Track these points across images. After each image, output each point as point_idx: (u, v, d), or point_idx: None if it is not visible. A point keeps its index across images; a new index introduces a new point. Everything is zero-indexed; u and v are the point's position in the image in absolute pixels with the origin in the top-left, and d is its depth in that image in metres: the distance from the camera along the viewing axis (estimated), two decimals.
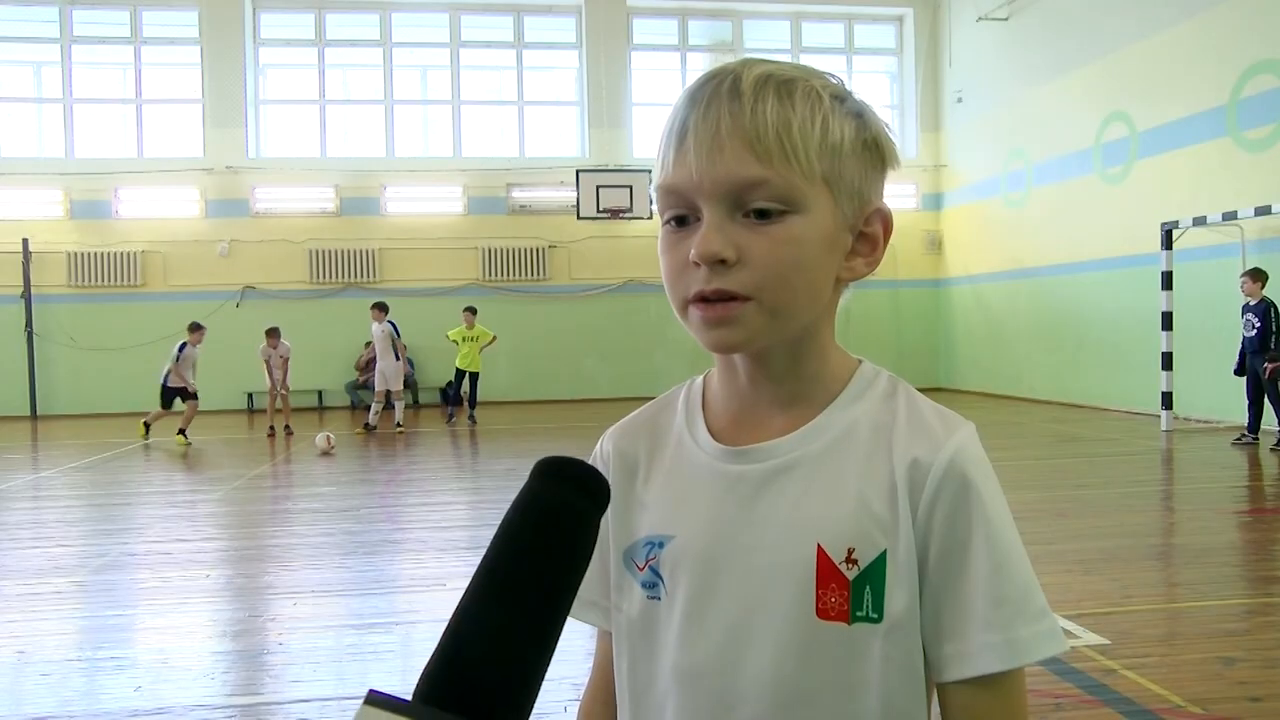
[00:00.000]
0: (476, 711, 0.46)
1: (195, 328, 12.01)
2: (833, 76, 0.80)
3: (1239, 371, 9.48)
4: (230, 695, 3.54)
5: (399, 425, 12.33)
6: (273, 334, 12.37)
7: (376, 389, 12.47)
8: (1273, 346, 9.04)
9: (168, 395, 11.82)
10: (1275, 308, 9.12)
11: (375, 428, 12.28)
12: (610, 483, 0.88)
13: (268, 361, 12.32)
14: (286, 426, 12.29)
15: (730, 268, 0.75)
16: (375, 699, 0.45)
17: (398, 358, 12.46)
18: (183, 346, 11.80)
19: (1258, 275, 9.30)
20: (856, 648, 0.77)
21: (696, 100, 0.77)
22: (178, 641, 4.20)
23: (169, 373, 11.73)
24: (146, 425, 11.84)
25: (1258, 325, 9.13)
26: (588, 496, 0.53)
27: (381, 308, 12.47)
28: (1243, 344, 9.35)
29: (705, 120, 0.75)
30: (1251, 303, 9.26)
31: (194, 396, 11.74)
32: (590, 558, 0.53)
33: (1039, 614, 0.76)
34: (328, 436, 10.57)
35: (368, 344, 15.59)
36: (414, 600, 4.82)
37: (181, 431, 11.30)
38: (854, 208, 0.80)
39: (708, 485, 0.83)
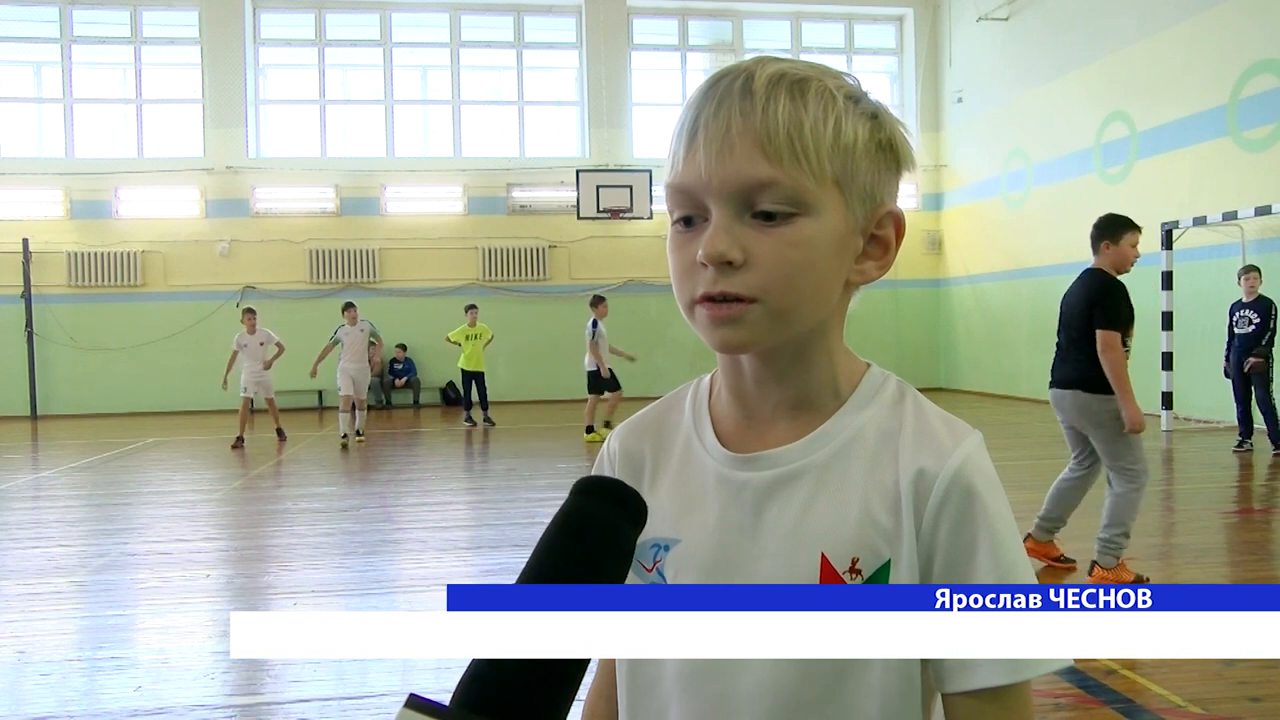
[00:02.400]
0: (513, 718, 0.47)
1: (597, 301, 11.07)
2: (849, 77, 0.79)
3: (1229, 373, 9.24)
4: (230, 695, 3.54)
5: (359, 434, 11.25)
6: (251, 314, 11.12)
7: (344, 393, 11.07)
8: (1263, 344, 8.86)
9: (593, 381, 10.90)
10: (1276, 306, 8.95)
11: (362, 433, 11.32)
12: None
13: (237, 351, 10.98)
14: (279, 430, 11.31)
15: (737, 269, 0.74)
16: (415, 703, 0.45)
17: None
18: (595, 323, 10.79)
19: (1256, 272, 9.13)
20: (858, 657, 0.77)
21: (708, 99, 0.76)
22: (178, 641, 4.20)
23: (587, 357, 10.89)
24: (591, 428, 10.71)
25: (1256, 321, 8.94)
26: (626, 514, 0.54)
27: (354, 307, 11.50)
28: (1236, 342, 9.10)
29: (716, 119, 0.75)
30: (1245, 300, 9.07)
31: (611, 383, 10.76)
32: (626, 573, 0.54)
33: None
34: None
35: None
36: (414, 600, 4.81)
37: (607, 424, 10.47)
38: (866, 210, 0.79)
39: (714, 491, 0.83)
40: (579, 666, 0.51)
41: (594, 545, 0.53)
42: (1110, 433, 4.66)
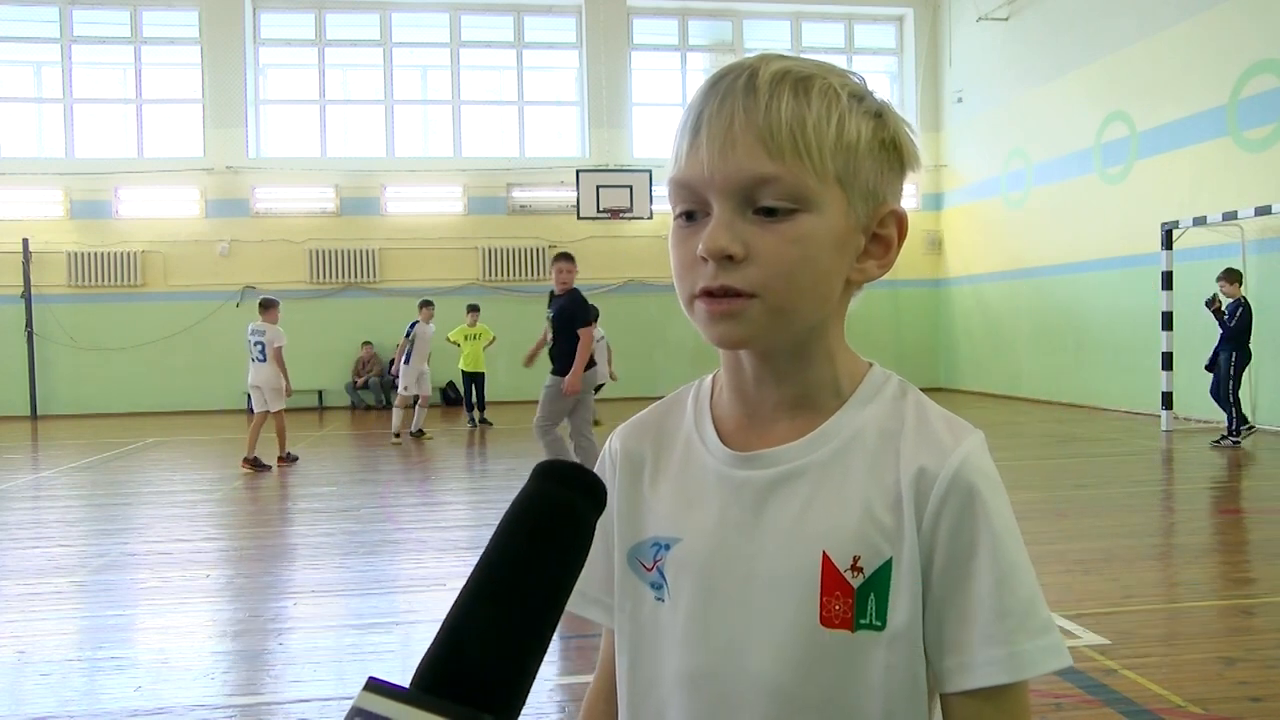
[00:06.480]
0: (472, 700, 0.47)
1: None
2: (855, 75, 0.79)
3: (1210, 367, 9.71)
4: (230, 695, 3.54)
5: (424, 432, 11.60)
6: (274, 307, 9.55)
7: (411, 392, 11.23)
8: (1233, 335, 9.36)
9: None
10: (1245, 306, 9.40)
11: (426, 431, 11.65)
12: (616, 481, 0.89)
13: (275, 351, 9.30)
14: (283, 453, 9.51)
15: (737, 264, 0.74)
16: (374, 686, 0.45)
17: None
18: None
19: (1234, 276, 9.53)
20: (859, 655, 0.76)
21: (712, 95, 0.76)
22: (178, 641, 4.20)
23: None
24: None
25: (1228, 323, 9.41)
26: (586, 497, 0.54)
27: (431, 305, 11.79)
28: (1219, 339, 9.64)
29: (719, 115, 0.75)
30: (1226, 302, 9.51)
31: None
32: (586, 557, 0.53)
33: (1043, 628, 0.75)
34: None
35: (366, 343, 15.58)
36: (414, 600, 4.82)
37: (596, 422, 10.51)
38: (868, 208, 0.79)
39: (715, 489, 0.83)
40: (540, 650, 0.50)
41: (556, 529, 0.52)
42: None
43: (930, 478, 0.77)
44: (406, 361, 11.34)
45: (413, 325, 11.56)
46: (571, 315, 6.84)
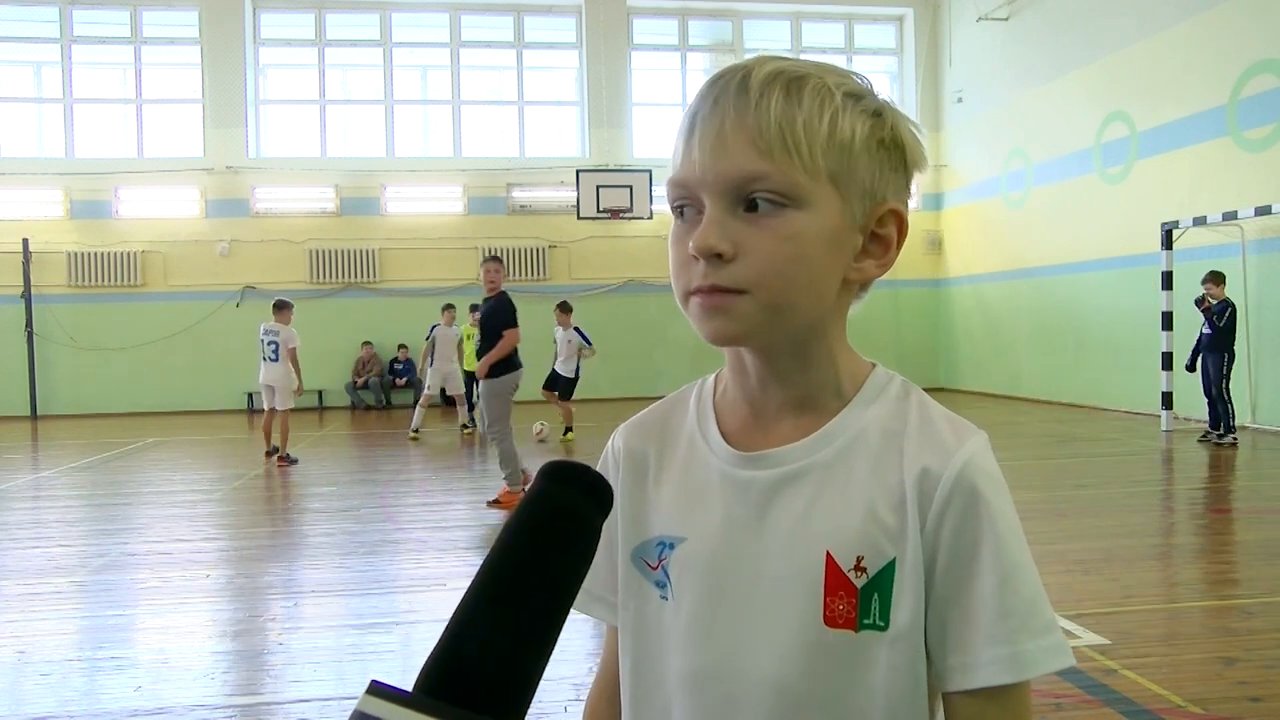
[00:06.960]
0: (475, 704, 0.47)
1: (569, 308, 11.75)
2: (858, 77, 0.79)
3: (1191, 368, 9.83)
4: (230, 695, 3.54)
5: (466, 427, 12.18)
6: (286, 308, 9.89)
7: (430, 392, 12.05)
8: (1231, 345, 9.45)
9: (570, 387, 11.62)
10: (1234, 307, 9.49)
11: (469, 426, 12.16)
12: (620, 480, 0.89)
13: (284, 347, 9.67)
14: (283, 453, 9.54)
15: (727, 262, 0.75)
16: (377, 689, 0.45)
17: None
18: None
19: (1219, 278, 9.62)
20: (862, 655, 0.77)
21: (706, 96, 0.77)
22: (178, 641, 4.20)
23: None
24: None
25: (1218, 324, 9.51)
26: (592, 499, 0.54)
27: (453, 308, 12.44)
28: (1199, 339, 9.74)
29: (712, 116, 0.76)
30: (1214, 303, 9.60)
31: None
32: (592, 559, 0.53)
33: (1045, 628, 0.75)
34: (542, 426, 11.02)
35: (366, 343, 15.65)
36: (414, 600, 4.82)
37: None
38: (865, 208, 0.79)
39: (719, 490, 0.83)
40: (544, 654, 0.50)
41: (561, 531, 0.53)
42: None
43: (934, 478, 0.77)
44: (432, 364, 12.11)
45: (433, 328, 12.24)
46: (502, 317, 7.20)
